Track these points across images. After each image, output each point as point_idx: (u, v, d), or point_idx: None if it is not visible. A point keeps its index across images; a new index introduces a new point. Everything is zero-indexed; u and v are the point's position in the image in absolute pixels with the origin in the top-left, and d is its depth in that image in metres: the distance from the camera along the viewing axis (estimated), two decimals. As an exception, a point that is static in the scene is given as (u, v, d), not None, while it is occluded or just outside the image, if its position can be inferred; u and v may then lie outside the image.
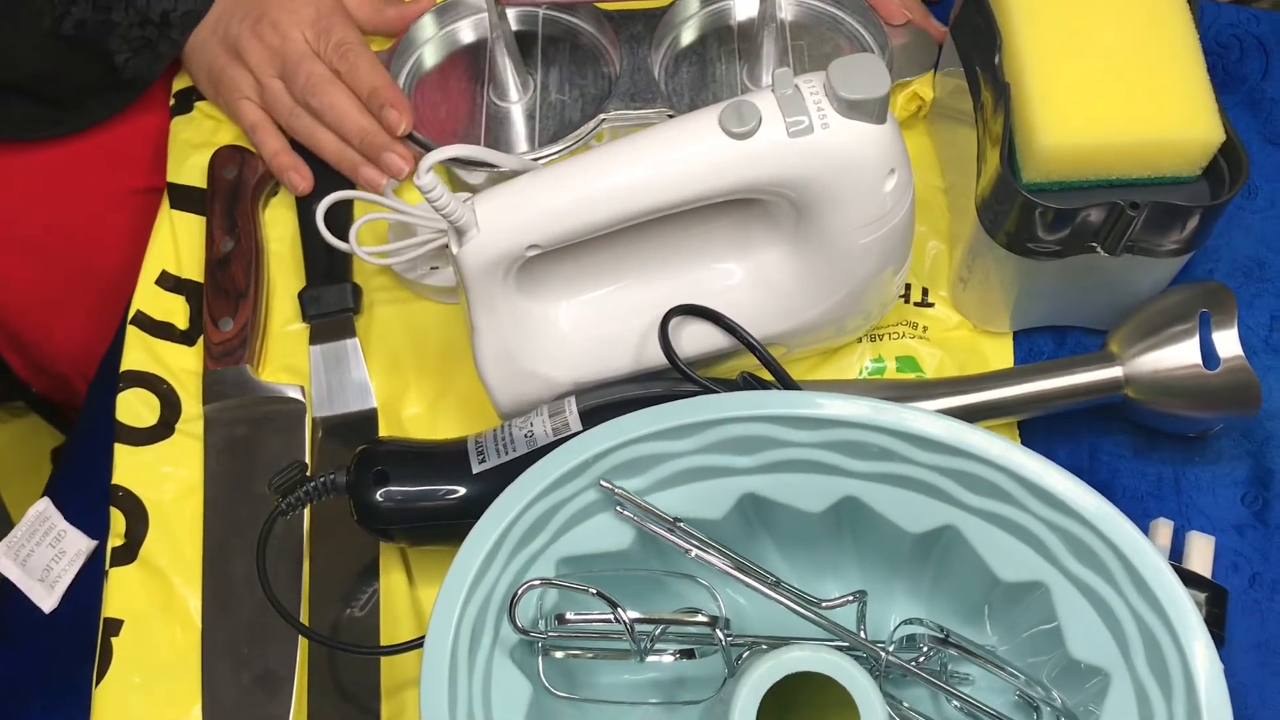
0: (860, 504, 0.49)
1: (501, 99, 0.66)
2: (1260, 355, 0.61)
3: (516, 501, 0.48)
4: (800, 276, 0.56)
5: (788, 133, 0.50)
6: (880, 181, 0.52)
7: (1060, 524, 0.47)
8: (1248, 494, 0.58)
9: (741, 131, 0.50)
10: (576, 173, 0.51)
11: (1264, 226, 0.64)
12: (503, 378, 0.55)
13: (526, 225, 0.51)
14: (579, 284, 0.57)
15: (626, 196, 0.51)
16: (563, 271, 0.56)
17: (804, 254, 0.55)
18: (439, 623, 0.46)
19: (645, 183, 0.51)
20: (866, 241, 0.53)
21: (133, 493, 0.59)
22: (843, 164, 0.51)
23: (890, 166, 0.52)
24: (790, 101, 0.50)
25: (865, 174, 0.51)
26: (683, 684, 0.53)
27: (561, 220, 0.51)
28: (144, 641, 0.57)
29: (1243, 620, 0.56)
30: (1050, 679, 0.49)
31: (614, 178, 0.51)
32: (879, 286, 0.57)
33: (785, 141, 0.50)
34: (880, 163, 0.51)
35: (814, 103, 0.50)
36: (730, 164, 0.50)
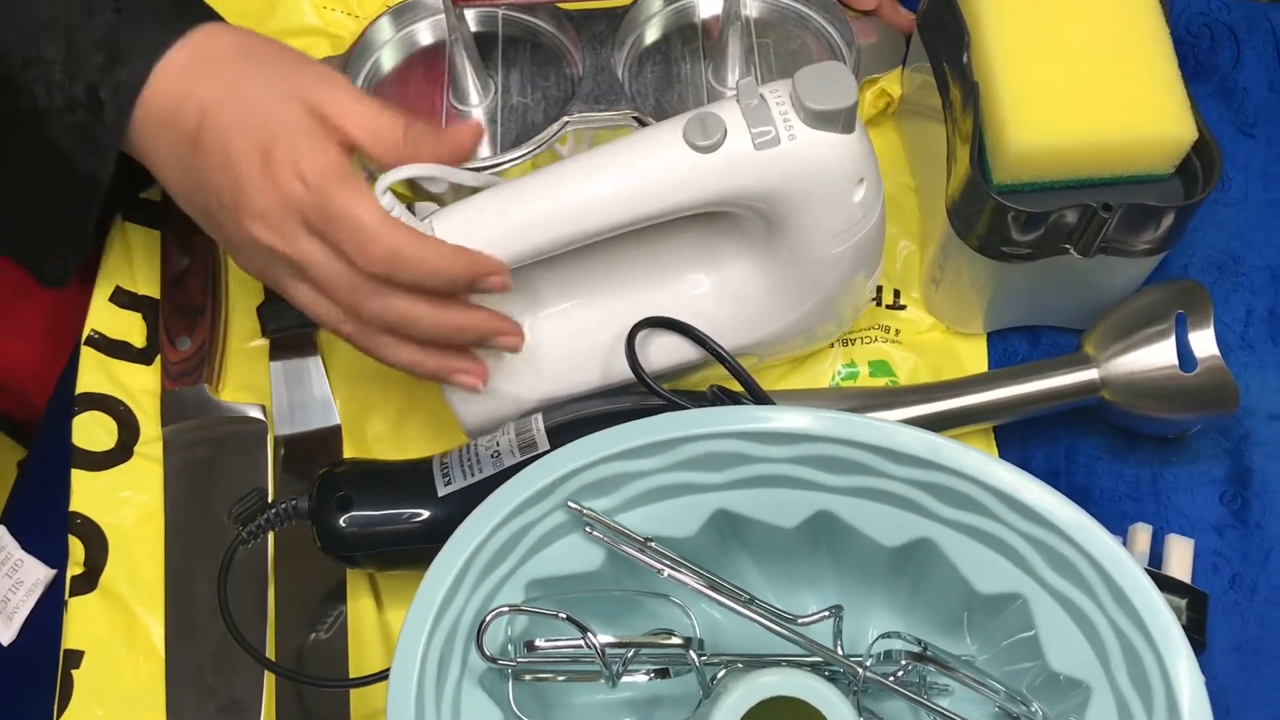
0: (834, 518, 0.48)
1: (462, 103, 0.64)
2: (1236, 352, 0.60)
3: (482, 526, 0.46)
4: (770, 287, 0.55)
5: (754, 145, 0.49)
6: (849, 191, 0.51)
7: (1037, 536, 0.46)
8: (1226, 493, 0.58)
9: (706, 145, 0.49)
10: (537, 190, 0.50)
11: (1238, 220, 0.64)
12: (468, 398, 0.54)
13: (486, 245, 0.49)
14: (544, 300, 0.55)
15: (588, 214, 0.49)
16: (527, 288, 0.54)
17: (773, 265, 0.54)
18: (404, 653, 0.45)
19: (607, 200, 0.49)
20: (837, 252, 0.52)
21: (91, 519, 0.58)
22: (810, 175, 0.50)
23: (859, 176, 0.50)
24: (756, 112, 0.49)
25: (834, 184, 0.50)
26: (658, 703, 0.52)
27: (522, 239, 0.50)
28: (106, 672, 0.55)
29: (1223, 622, 0.55)
30: (1031, 690, 0.48)
31: (575, 194, 0.50)
32: (850, 293, 0.56)
33: (751, 154, 0.49)
34: (849, 173, 0.50)
35: (780, 113, 0.49)
36: (695, 178, 0.49)
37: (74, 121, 0.50)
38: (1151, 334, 0.55)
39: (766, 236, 0.53)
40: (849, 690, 0.47)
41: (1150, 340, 0.55)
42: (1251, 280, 0.62)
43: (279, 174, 0.47)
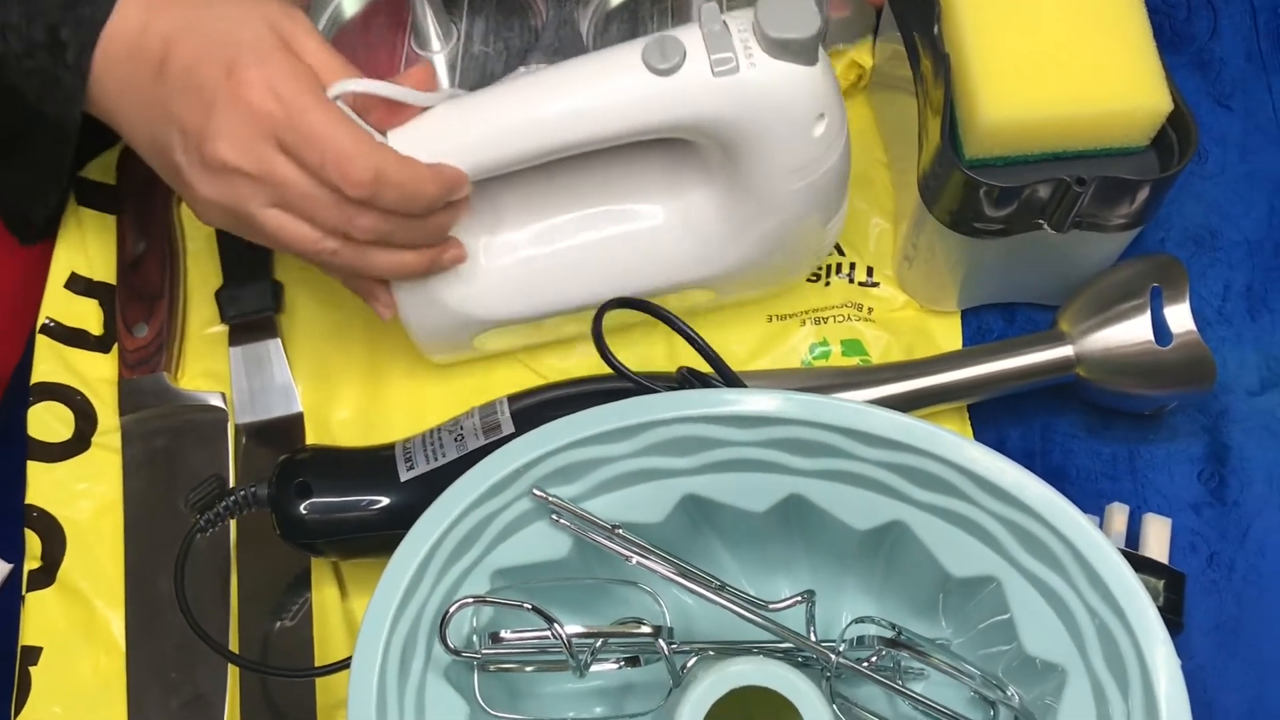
0: (805, 502, 0.48)
1: (423, 48, 0.63)
2: (1214, 327, 0.60)
3: (445, 515, 0.45)
4: (727, 219, 0.54)
5: (712, 71, 0.48)
6: (809, 126, 0.50)
7: (1010, 517, 0.45)
8: (1204, 471, 0.57)
9: (664, 68, 0.48)
10: (494, 104, 0.49)
11: (1215, 193, 0.63)
12: (422, 316, 0.54)
13: (443, 157, 0.49)
14: (499, 220, 0.55)
15: (544, 131, 0.49)
16: (484, 207, 0.54)
17: (731, 198, 0.53)
18: (366, 645, 0.44)
19: (563, 117, 0.49)
20: (795, 187, 0.51)
21: (48, 512, 0.57)
22: (769, 106, 0.49)
23: (820, 111, 0.49)
24: (716, 39, 0.48)
25: (793, 117, 0.49)
26: (630, 691, 0.51)
27: (478, 154, 0.49)
28: (65, 669, 0.54)
29: (1201, 601, 0.55)
30: (1007, 673, 0.47)
31: (531, 110, 0.49)
32: (809, 235, 0.55)
33: (709, 80, 0.48)
34: (809, 106, 0.49)
35: (741, 41, 0.48)
36: (652, 101, 0.48)
37: (34, 66, 0.49)
38: (1127, 309, 0.54)
39: (725, 167, 0.52)
40: (821, 676, 0.46)
41: (1125, 316, 0.54)
42: (1229, 254, 0.61)
43: (250, 91, 0.46)
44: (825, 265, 0.61)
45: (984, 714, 0.48)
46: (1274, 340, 0.59)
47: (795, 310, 0.60)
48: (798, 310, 0.60)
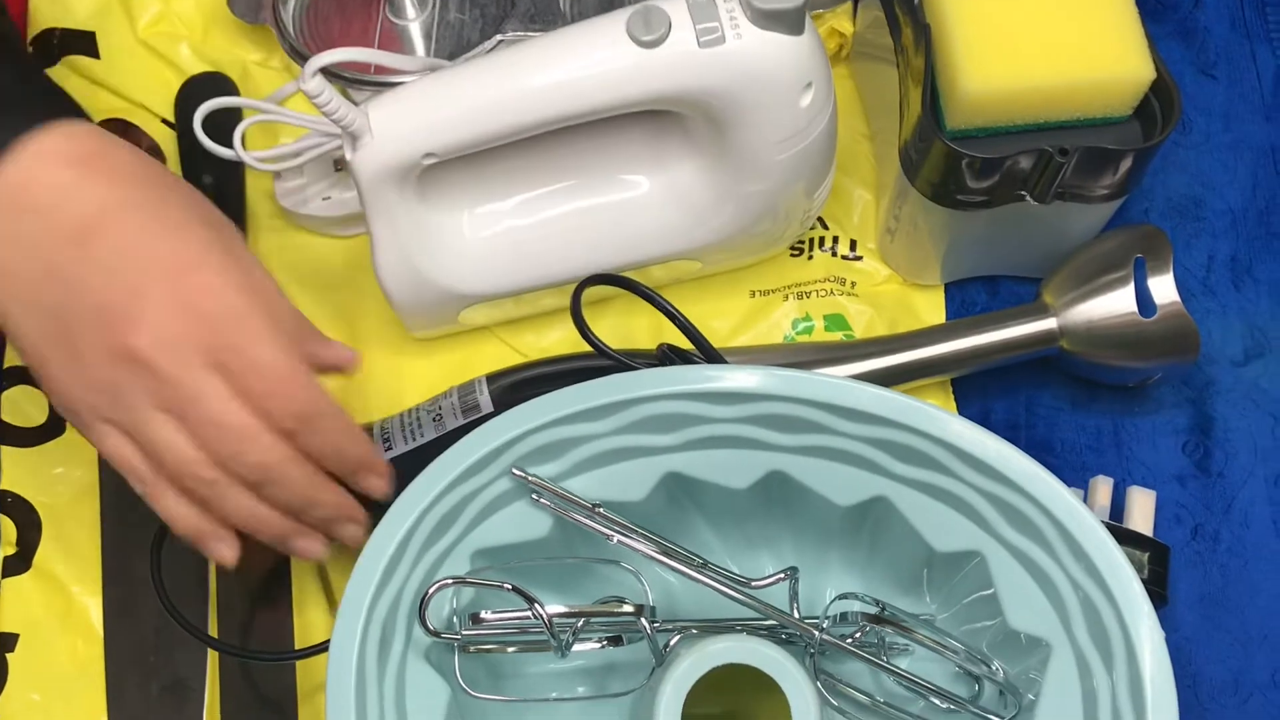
0: (787, 478, 0.47)
1: (398, 16, 0.63)
2: (1199, 298, 0.59)
3: (423, 495, 0.45)
4: (713, 190, 0.53)
5: (698, 42, 0.47)
6: (796, 95, 0.49)
7: (994, 491, 0.45)
8: (1188, 443, 0.57)
9: (649, 39, 0.47)
10: (475, 78, 0.48)
11: (1199, 163, 0.62)
12: (405, 290, 0.53)
13: (422, 132, 0.48)
14: (483, 193, 0.54)
15: (526, 106, 0.48)
16: (466, 180, 0.53)
17: (717, 168, 0.53)
18: (344, 628, 0.43)
19: (547, 91, 0.48)
20: (782, 158, 0.51)
21: (23, 497, 0.56)
22: (756, 76, 0.48)
23: (807, 80, 0.49)
24: (702, 9, 0.47)
25: (780, 87, 0.49)
26: (613, 671, 0.51)
27: (459, 128, 0.48)
28: (42, 655, 0.53)
29: (1186, 573, 0.54)
30: (991, 648, 0.47)
31: (513, 84, 0.48)
32: (795, 204, 0.55)
33: (695, 52, 0.47)
34: (796, 76, 0.49)
35: (726, 11, 0.47)
36: (637, 74, 0.48)
37: None
38: (1110, 281, 0.54)
39: (711, 138, 0.51)
40: (805, 653, 0.46)
41: (1109, 287, 0.54)
42: (1213, 224, 0.61)
43: (195, 295, 0.42)
44: (808, 239, 0.60)
45: (968, 689, 0.48)
46: (1258, 310, 0.59)
47: (778, 285, 0.60)
48: (780, 285, 0.60)
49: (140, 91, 0.63)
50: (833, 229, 0.61)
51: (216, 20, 0.65)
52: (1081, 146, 0.50)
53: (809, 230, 0.60)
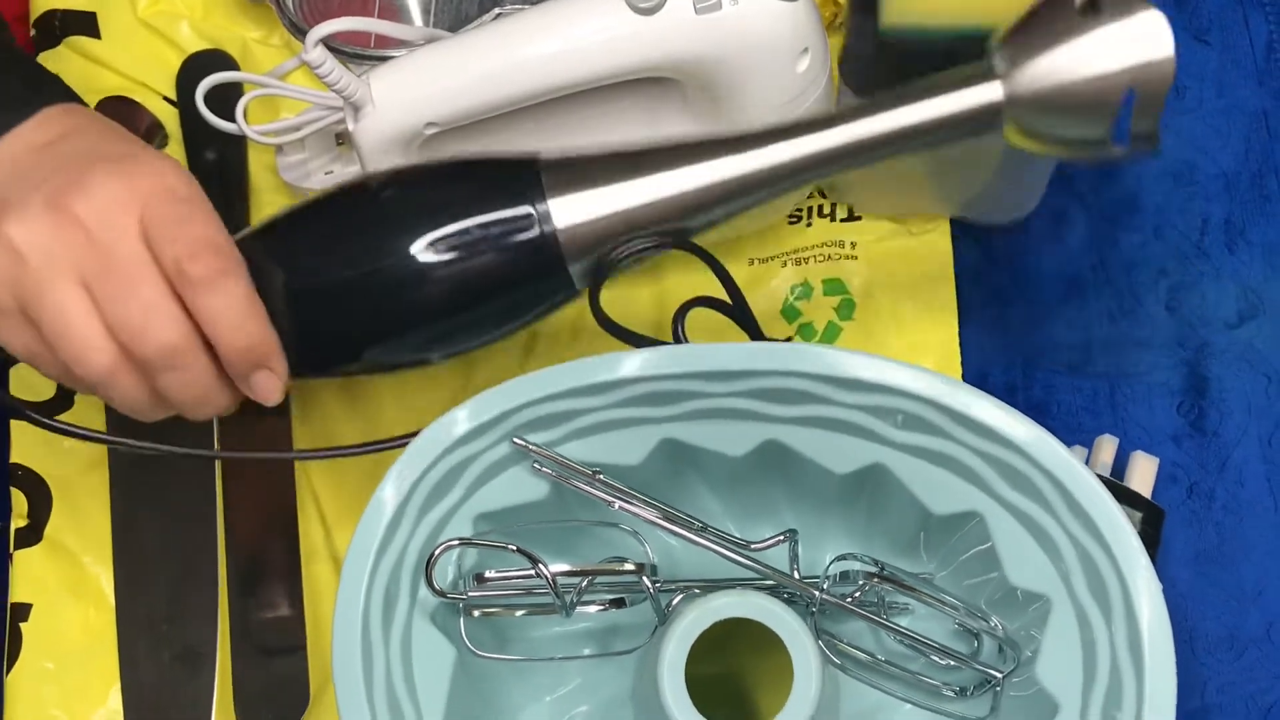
0: (783, 447, 0.48)
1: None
2: (1193, 261, 0.60)
3: (419, 460, 0.45)
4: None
5: (695, 9, 0.48)
6: (792, 61, 0.50)
7: (991, 452, 0.45)
8: (1183, 403, 0.57)
9: (646, 7, 0.48)
10: (475, 47, 0.49)
11: (1193, 128, 0.62)
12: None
13: (424, 102, 0.49)
14: None
15: (526, 74, 0.49)
16: (468, 149, 0.53)
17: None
18: (347, 591, 0.44)
19: (546, 59, 0.49)
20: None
21: (33, 470, 0.57)
22: (753, 43, 0.49)
23: (803, 45, 0.49)
24: None
25: (776, 53, 0.49)
26: (616, 632, 0.51)
27: (460, 98, 0.49)
28: (55, 625, 0.54)
29: (1181, 532, 0.55)
30: (990, 604, 0.48)
31: (513, 53, 0.49)
32: None
33: (692, 18, 0.48)
34: (792, 42, 0.49)
35: None
36: (634, 41, 0.48)
37: None
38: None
39: (707, 106, 0.52)
40: (806, 613, 0.47)
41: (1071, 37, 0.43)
42: (1206, 188, 0.61)
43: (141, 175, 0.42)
44: (805, 206, 0.61)
45: (968, 646, 0.49)
46: (1251, 273, 0.59)
47: (776, 252, 0.60)
48: (778, 252, 0.60)
49: (141, 70, 0.64)
50: (831, 196, 0.61)
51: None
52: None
53: (807, 200, 0.61)
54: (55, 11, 0.65)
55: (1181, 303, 0.59)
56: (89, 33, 0.64)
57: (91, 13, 0.65)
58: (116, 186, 0.42)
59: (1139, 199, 0.61)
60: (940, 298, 0.59)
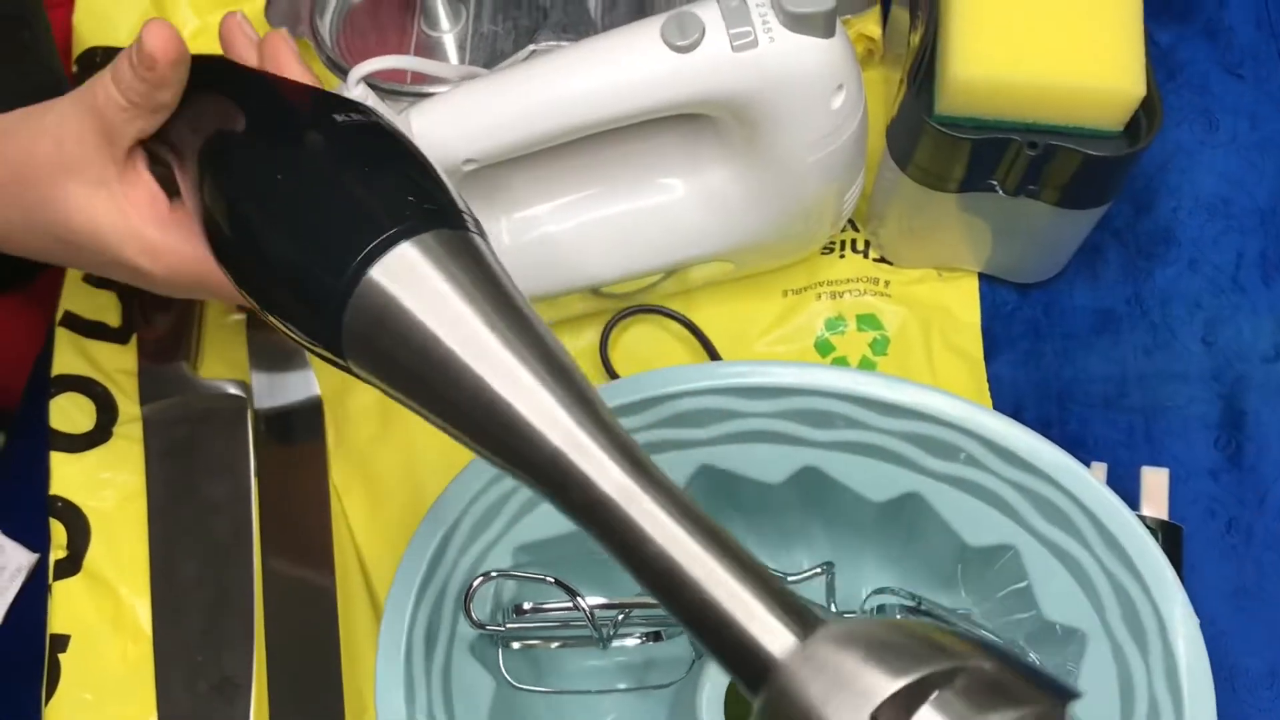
0: (821, 474, 0.48)
1: (433, 28, 0.64)
2: (1228, 294, 0.60)
3: (464, 492, 0.46)
4: (746, 193, 0.54)
5: (731, 46, 0.48)
6: (827, 98, 0.50)
7: (1025, 484, 0.46)
8: (1220, 437, 0.57)
9: (683, 44, 0.48)
10: (513, 85, 0.50)
11: (1226, 162, 0.63)
12: None
13: (462, 139, 0.49)
14: (521, 198, 0.55)
15: (564, 111, 0.49)
16: (504, 185, 0.54)
17: (750, 171, 0.53)
18: (391, 622, 0.44)
19: (584, 96, 0.49)
20: (814, 159, 0.52)
21: (72, 502, 0.57)
22: (788, 79, 0.49)
23: (838, 82, 0.50)
24: (735, 14, 0.48)
25: (812, 89, 0.50)
26: (652, 666, 0.51)
27: (498, 135, 0.50)
28: (93, 656, 0.54)
29: (1220, 567, 0.55)
30: (1027, 640, 0.47)
31: (551, 91, 0.49)
32: (827, 204, 0.55)
33: (728, 55, 0.48)
34: (827, 78, 0.50)
35: (759, 15, 0.48)
36: (671, 78, 0.49)
37: None
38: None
39: (744, 142, 0.52)
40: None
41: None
42: (1241, 222, 0.61)
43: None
44: (839, 240, 0.61)
45: (1005, 681, 0.48)
46: (1288, 306, 0.59)
47: (810, 283, 0.60)
48: (812, 283, 0.60)
49: (181, 105, 0.65)
50: (864, 232, 0.61)
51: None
52: (1047, 143, 0.50)
53: (840, 232, 0.61)
54: (97, 49, 0.66)
55: (1217, 336, 0.59)
56: (130, 70, 0.65)
57: (133, 50, 0.66)
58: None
59: (1174, 232, 0.61)
60: (968, 342, 0.59)
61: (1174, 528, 0.52)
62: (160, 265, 0.46)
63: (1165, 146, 0.63)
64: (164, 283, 0.46)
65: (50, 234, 0.46)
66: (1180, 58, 0.65)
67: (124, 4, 0.66)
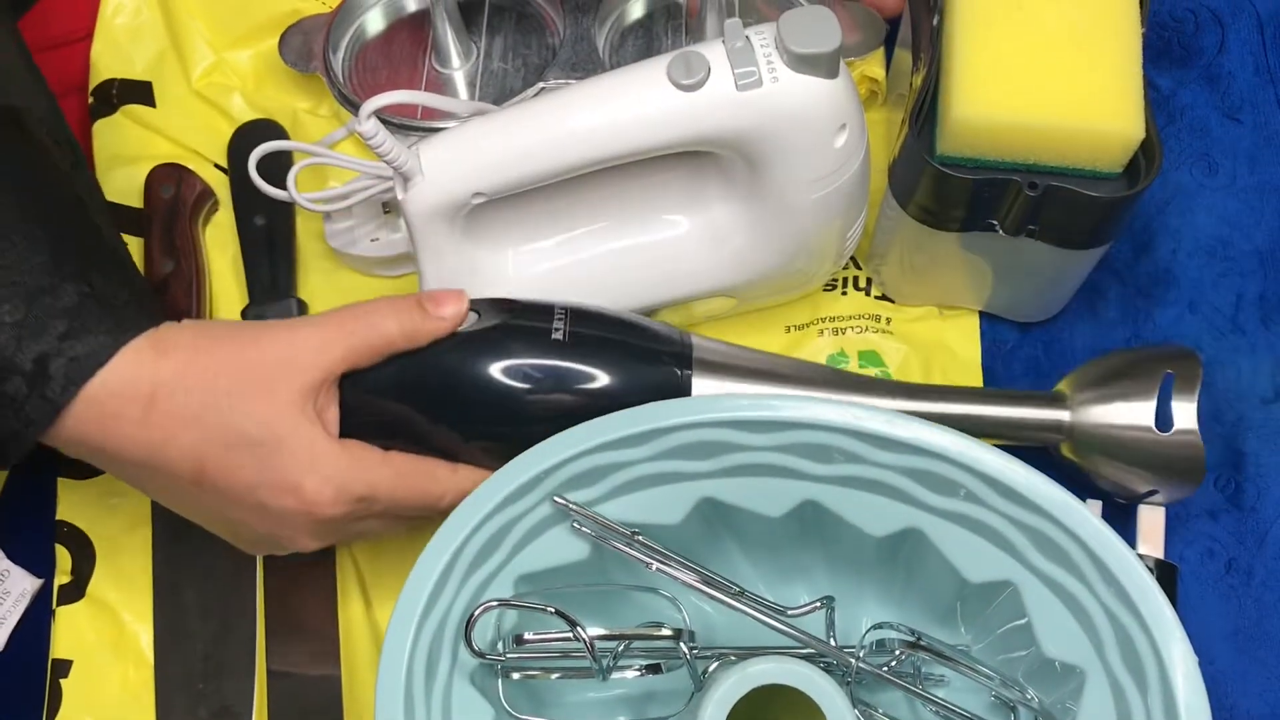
0: (821, 508, 0.48)
1: (444, 66, 0.65)
2: (1228, 336, 0.60)
3: (466, 522, 0.46)
4: (749, 230, 0.55)
5: (736, 86, 0.49)
6: (830, 137, 0.51)
7: (1025, 520, 0.46)
8: (1220, 478, 0.57)
9: (689, 83, 0.49)
10: (522, 121, 0.50)
11: (1226, 205, 0.63)
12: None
13: (472, 173, 0.50)
14: (528, 232, 0.56)
15: (572, 146, 0.50)
16: (512, 219, 0.55)
17: (754, 208, 0.54)
18: (392, 650, 0.44)
19: (591, 133, 0.50)
20: (816, 197, 0.53)
21: (78, 527, 0.57)
22: (791, 118, 0.50)
23: (841, 121, 0.51)
24: (740, 54, 0.49)
25: (815, 129, 0.50)
26: (651, 699, 0.51)
27: (507, 169, 0.50)
28: (95, 682, 0.55)
29: (1220, 607, 0.55)
30: (1026, 676, 0.47)
31: (560, 127, 0.50)
32: (830, 242, 0.56)
33: (733, 94, 0.49)
34: (830, 118, 0.50)
35: (764, 56, 0.49)
36: (677, 116, 0.50)
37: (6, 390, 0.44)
38: (1133, 388, 0.53)
39: (747, 179, 0.53)
40: (843, 681, 0.47)
41: (1130, 396, 0.53)
42: (1240, 264, 0.62)
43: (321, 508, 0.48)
44: (841, 276, 0.62)
45: (1004, 718, 0.48)
46: (1286, 348, 0.60)
47: (812, 319, 0.61)
48: (814, 319, 0.61)
49: (194, 138, 0.66)
50: (865, 269, 0.62)
51: (268, 69, 0.67)
52: (1048, 184, 0.50)
53: (843, 269, 0.62)
54: (113, 81, 0.67)
55: (1216, 378, 0.59)
56: (145, 101, 0.67)
57: (147, 82, 0.67)
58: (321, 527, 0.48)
59: (1173, 274, 0.62)
60: (968, 379, 0.60)
61: (1169, 567, 0.53)
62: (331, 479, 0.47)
63: (1165, 189, 0.64)
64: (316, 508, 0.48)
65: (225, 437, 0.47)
66: (1180, 102, 0.66)
67: (141, 38, 0.68)
